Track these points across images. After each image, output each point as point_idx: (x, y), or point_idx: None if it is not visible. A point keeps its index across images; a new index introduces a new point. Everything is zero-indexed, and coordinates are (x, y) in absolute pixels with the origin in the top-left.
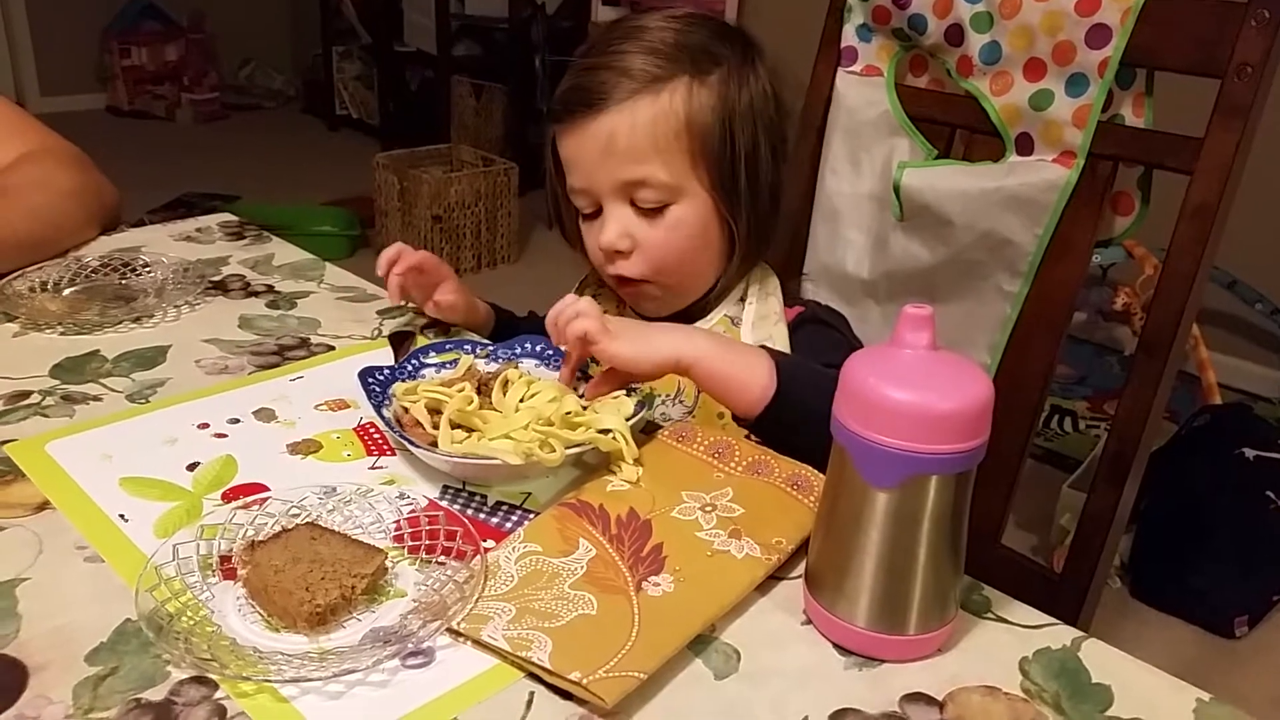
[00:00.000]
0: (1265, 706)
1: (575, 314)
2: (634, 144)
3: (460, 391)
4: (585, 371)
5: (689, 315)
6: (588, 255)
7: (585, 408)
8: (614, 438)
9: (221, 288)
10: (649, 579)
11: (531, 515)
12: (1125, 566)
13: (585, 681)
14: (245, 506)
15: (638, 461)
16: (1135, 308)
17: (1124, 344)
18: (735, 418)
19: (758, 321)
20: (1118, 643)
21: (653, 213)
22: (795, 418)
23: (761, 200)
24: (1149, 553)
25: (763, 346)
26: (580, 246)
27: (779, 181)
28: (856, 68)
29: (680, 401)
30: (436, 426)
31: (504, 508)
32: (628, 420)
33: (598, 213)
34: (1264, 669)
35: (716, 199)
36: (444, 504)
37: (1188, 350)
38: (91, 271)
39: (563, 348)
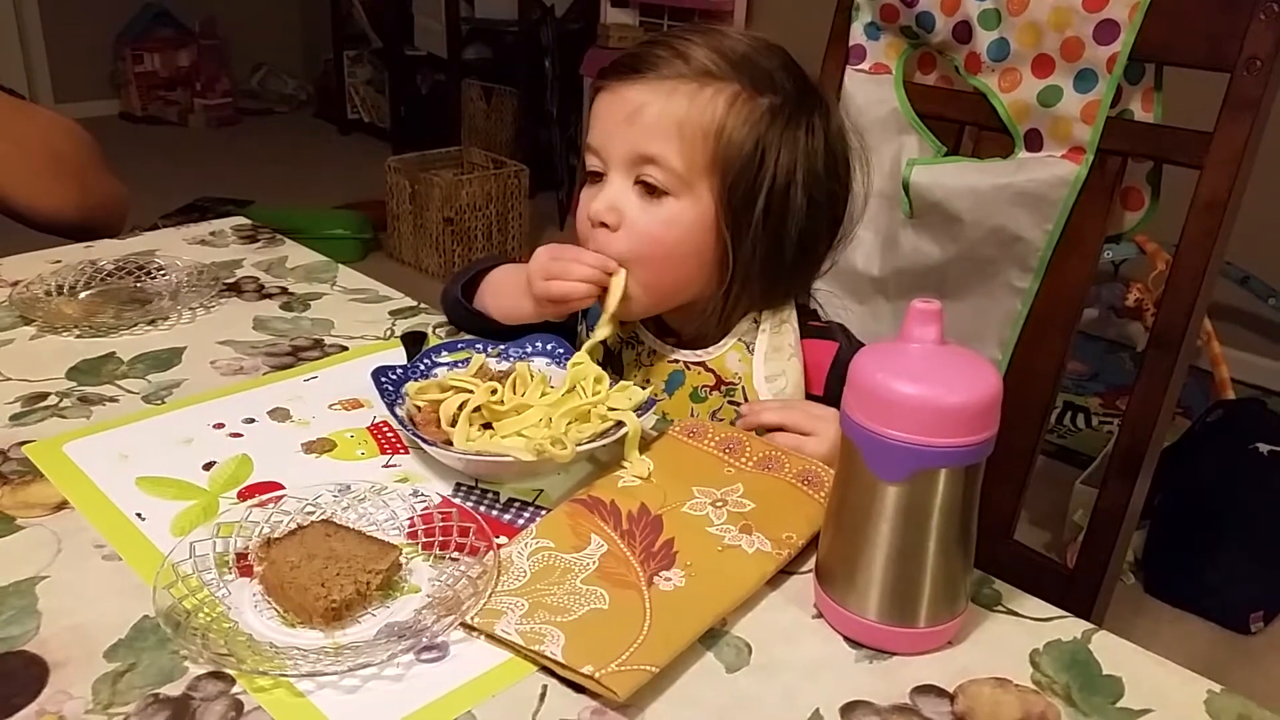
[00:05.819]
0: None
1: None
2: (660, 122)
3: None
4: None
5: (694, 341)
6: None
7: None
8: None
9: (236, 290)
10: (660, 574)
11: (544, 512)
12: (1139, 562)
13: (597, 675)
14: (261, 504)
15: (646, 454)
16: (1148, 304)
17: (1137, 340)
18: None
19: (771, 353)
20: (1132, 639)
21: (652, 196)
22: None
23: (783, 243)
24: (1163, 548)
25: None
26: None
27: (815, 237)
28: (865, 65)
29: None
30: (454, 424)
31: (516, 504)
32: (638, 414)
33: (599, 179)
34: None
35: (720, 212)
36: (457, 501)
37: (1200, 346)
38: (107, 275)
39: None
